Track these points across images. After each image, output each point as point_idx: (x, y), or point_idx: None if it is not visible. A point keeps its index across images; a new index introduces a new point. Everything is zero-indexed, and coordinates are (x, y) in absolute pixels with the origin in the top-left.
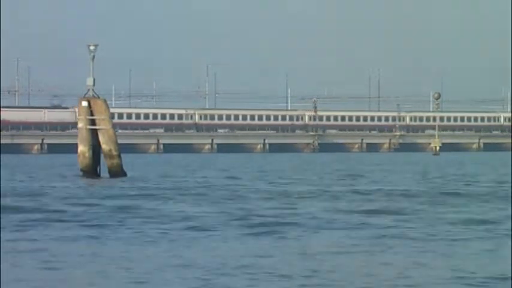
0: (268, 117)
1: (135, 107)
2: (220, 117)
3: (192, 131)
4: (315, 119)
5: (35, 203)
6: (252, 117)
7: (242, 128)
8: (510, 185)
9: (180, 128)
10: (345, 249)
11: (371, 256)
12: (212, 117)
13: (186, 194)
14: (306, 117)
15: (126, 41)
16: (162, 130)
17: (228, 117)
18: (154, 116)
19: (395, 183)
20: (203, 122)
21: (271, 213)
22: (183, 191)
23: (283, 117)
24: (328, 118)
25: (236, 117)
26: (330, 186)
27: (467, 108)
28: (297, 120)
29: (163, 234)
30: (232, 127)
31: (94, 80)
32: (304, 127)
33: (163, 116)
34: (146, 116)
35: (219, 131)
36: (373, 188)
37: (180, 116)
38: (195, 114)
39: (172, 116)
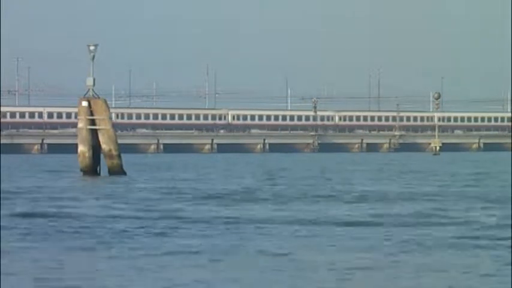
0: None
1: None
2: (138, 116)
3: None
4: (315, 119)
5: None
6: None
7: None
8: None
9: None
10: None
11: None
12: (130, 116)
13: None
14: (229, 116)
15: (126, 41)
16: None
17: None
18: (40, 115)
19: None
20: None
21: None
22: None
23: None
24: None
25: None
26: None
27: (467, 108)
28: (220, 119)
29: None
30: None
31: (94, 80)
32: (228, 126)
33: (50, 115)
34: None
35: (138, 130)
36: None
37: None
38: None
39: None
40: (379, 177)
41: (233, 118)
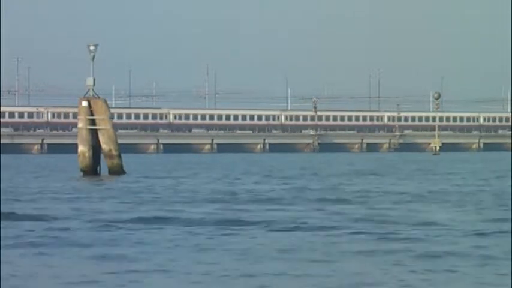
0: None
1: None
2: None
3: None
4: (314, 119)
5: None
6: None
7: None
8: None
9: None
10: None
11: None
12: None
13: None
14: (171, 115)
15: (126, 41)
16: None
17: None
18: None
19: None
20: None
21: None
22: None
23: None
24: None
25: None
26: None
27: (467, 108)
28: (160, 118)
29: None
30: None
31: (94, 80)
32: (169, 125)
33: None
34: (31, 115)
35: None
36: None
37: (31, 114)
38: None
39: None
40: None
41: (175, 117)
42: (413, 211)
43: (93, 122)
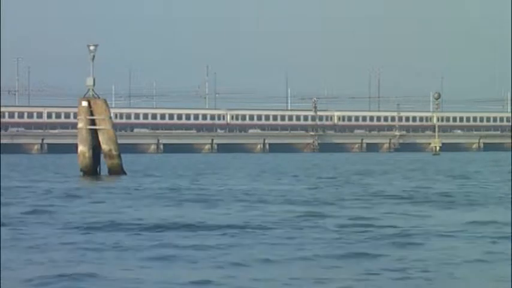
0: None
1: None
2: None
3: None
4: (314, 119)
5: None
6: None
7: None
8: None
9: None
10: None
11: None
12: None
13: None
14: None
15: (126, 41)
16: None
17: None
18: None
19: None
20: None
21: None
22: None
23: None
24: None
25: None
26: None
27: (467, 108)
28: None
29: None
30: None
31: (94, 80)
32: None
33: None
34: (31, 115)
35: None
36: None
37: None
38: None
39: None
40: None
41: (117, 117)
42: None
43: (93, 122)
